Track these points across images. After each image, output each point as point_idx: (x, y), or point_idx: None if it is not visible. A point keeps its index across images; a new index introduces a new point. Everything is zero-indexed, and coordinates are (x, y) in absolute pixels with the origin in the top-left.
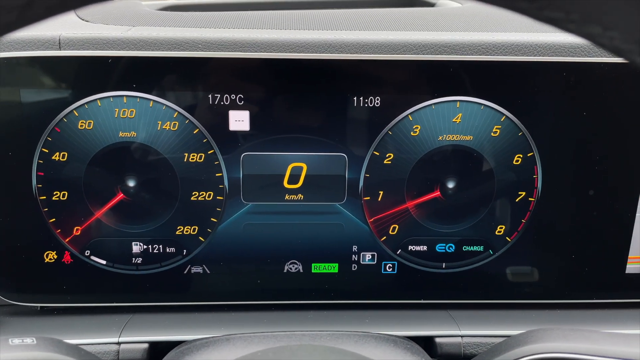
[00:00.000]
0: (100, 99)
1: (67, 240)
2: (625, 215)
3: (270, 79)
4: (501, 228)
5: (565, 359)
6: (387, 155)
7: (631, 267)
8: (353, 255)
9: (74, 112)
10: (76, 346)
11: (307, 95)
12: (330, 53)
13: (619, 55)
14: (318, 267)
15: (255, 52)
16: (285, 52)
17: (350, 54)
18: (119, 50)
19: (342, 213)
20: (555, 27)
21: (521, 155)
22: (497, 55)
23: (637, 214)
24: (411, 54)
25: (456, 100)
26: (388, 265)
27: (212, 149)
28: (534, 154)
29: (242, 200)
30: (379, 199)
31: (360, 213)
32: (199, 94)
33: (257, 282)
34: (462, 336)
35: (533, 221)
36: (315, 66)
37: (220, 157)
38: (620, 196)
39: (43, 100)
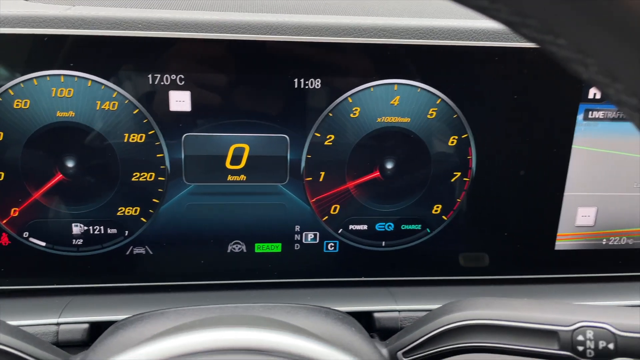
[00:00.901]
0: (36, 77)
1: (4, 221)
2: (554, 194)
3: (211, 60)
4: (438, 207)
5: (484, 325)
6: (327, 137)
7: (560, 244)
8: (296, 235)
9: (9, 91)
10: (15, 327)
11: (248, 76)
12: (271, 35)
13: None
14: (261, 247)
15: (196, 32)
16: (226, 34)
17: (291, 36)
18: (57, 28)
19: (285, 194)
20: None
21: (456, 137)
22: (433, 40)
23: (564, 193)
24: (350, 37)
25: (394, 83)
26: (330, 244)
27: (153, 129)
28: (468, 136)
29: (185, 181)
30: (321, 180)
31: (302, 193)
32: (139, 73)
33: (201, 262)
34: (399, 311)
35: (468, 200)
36: (255, 48)
37: (161, 137)
38: (549, 176)
39: None
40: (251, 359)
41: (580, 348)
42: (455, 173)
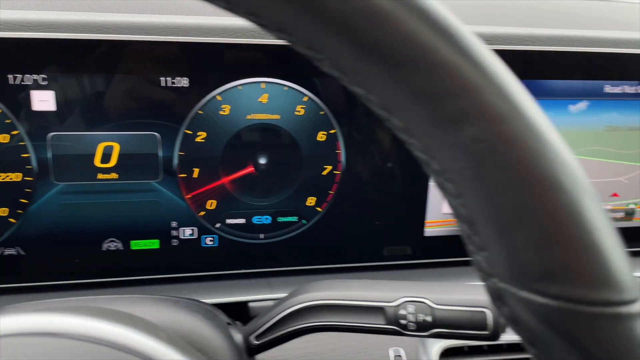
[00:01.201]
0: None
1: None
2: (421, 184)
3: (74, 59)
4: (312, 199)
5: (323, 305)
6: (199, 134)
7: (428, 231)
8: (173, 231)
9: None
10: None
11: (113, 75)
12: (135, 35)
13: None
14: (138, 244)
15: (57, 32)
16: (88, 33)
17: (155, 36)
18: None
19: (159, 190)
20: None
21: (325, 132)
22: None
23: (430, 183)
24: (215, 37)
25: (261, 82)
26: (209, 239)
27: (17, 129)
28: (336, 131)
29: (54, 181)
30: (195, 176)
31: (177, 190)
32: None
33: (76, 261)
34: (273, 300)
35: (340, 192)
36: (119, 47)
37: (26, 137)
38: (415, 167)
39: None
40: (55, 342)
41: (403, 322)
42: (326, 166)
